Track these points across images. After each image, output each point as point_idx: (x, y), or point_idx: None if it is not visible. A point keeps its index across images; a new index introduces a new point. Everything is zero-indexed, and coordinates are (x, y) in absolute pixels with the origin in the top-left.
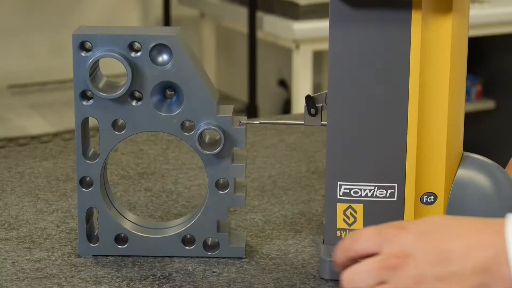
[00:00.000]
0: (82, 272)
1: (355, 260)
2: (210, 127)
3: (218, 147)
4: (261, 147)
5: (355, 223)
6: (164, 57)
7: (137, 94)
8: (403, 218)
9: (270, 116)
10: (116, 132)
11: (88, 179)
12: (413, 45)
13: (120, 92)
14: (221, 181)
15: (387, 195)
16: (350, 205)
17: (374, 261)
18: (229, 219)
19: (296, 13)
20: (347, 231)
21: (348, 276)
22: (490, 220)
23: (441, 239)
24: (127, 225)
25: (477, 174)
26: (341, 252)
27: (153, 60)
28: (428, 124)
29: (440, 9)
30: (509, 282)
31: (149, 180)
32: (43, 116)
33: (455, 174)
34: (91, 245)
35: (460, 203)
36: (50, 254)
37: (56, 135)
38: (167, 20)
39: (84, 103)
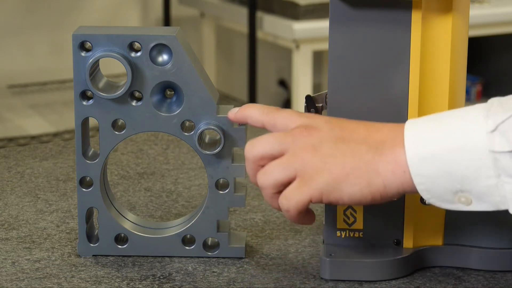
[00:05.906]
0: (82, 272)
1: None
2: (210, 127)
3: (218, 147)
4: None
5: (355, 223)
6: (164, 57)
7: (137, 94)
8: (403, 217)
9: None
10: (116, 132)
11: (88, 179)
12: (413, 45)
13: (120, 92)
14: (221, 181)
15: None
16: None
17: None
18: (229, 219)
19: (296, 13)
20: (347, 231)
21: (260, 173)
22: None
23: (349, 124)
24: (127, 225)
25: None
26: (249, 152)
27: (153, 60)
28: None
29: (440, 9)
30: (398, 163)
31: (149, 180)
32: (43, 116)
33: None
34: (91, 245)
35: None
36: (50, 254)
37: (56, 135)
38: (167, 20)
39: (84, 103)
